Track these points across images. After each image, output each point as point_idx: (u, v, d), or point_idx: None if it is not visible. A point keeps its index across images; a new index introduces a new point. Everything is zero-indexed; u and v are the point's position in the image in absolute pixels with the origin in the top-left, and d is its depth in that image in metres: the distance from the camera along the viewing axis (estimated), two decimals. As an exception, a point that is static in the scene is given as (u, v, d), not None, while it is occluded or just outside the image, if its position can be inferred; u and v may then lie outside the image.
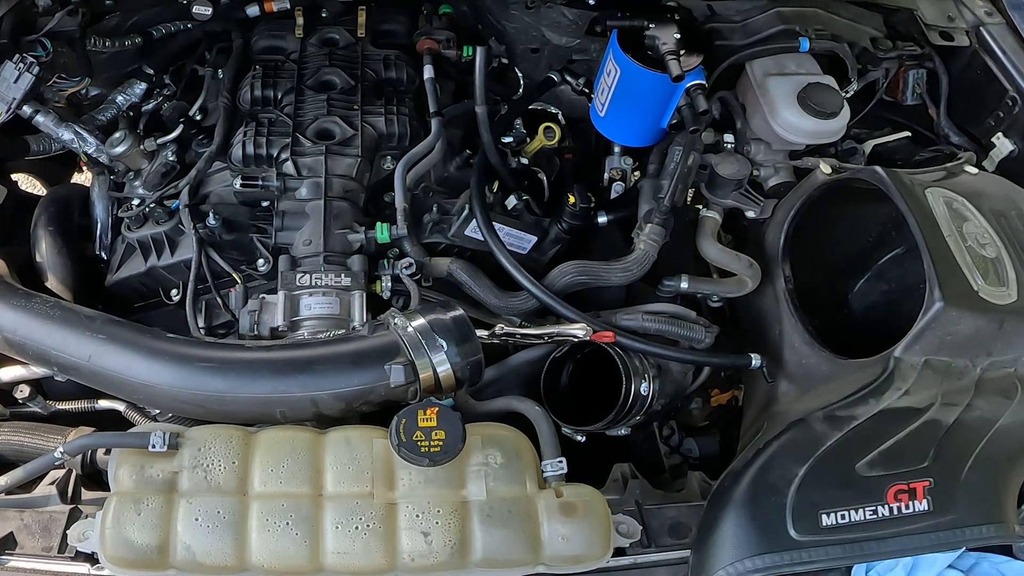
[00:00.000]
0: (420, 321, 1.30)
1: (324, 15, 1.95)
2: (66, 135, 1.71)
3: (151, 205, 1.63)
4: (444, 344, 1.28)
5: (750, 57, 1.85)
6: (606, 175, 1.90)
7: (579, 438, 1.61)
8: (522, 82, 2.00)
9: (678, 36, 1.64)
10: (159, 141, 1.72)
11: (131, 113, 1.84)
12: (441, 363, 1.28)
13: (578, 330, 1.45)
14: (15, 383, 1.53)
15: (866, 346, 1.48)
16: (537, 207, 1.80)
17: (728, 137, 1.83)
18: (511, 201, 1.74)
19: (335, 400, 1.26)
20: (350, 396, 1.28)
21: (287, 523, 1.20)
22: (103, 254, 1.78)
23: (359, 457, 1.25)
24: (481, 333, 1.41)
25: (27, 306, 1.39)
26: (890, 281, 1.78)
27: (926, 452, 1.29)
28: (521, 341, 1.45)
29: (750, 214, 1.80)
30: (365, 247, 1.59)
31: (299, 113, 1.71)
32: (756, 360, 1.63)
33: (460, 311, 1.33)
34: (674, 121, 1.75)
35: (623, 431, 1.65)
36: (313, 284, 1.49)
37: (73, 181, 2.17)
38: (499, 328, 1.45)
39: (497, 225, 1.68)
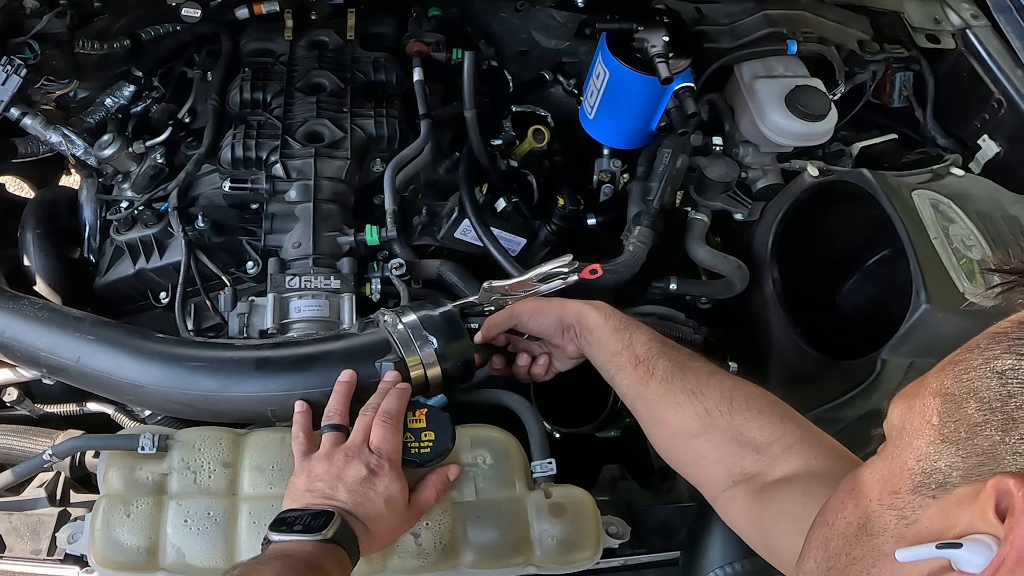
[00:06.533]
0: (410, 318, 1.30)
1: (313, 17, 1.94)
2: (54, 138, 1.71)
3: (139, 208, 1.63)
4: (434, 341, 1.28)
5: (738, 60, 1.86)
6: (595, 177, 1.90)
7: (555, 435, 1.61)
8: (511, 85, 2.00)
9: (667, 39, 1.65)
10: (148, 144, 1.71)
11: (119, 116, 1.83)
12: (430, 360, 1.27)
13: (562, 266, 1.39)
14: (3, 386, 1.52)
15: (855, 347, 1.49)
16: (526, 209, 1.80)
17: (716, 140, 1.84)
18: (500, 203, 1.75)
19: (326, 398, 1.26)
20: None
21: (277, 525, 1.19)
22: (91, 257, 1.77)
23: (349, 459, 1.24)
24: (471, 299, 1.40)
25: (15, 308, 1.38)
26: (877, 283, 1.79)
27: (914, 453, 1.30)
28: (509, 294, 1.41)
29: (739, 216, 1.81)
30: (354, 249, 1.58)
31: (288, 115, 1.71)
32: (733, 367, 1.65)
33: (449, 307, 1.33)
34: (663, 124, 1.76)
35: (613, 433, 1.66)
36: (302, 286, 1.48)
37: (61, 184, 2.16)
38: (486, 284, 1.41)
39: (487, 227, 1.68)
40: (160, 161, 1.70)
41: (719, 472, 1.13)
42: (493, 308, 1.40)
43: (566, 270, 1.39)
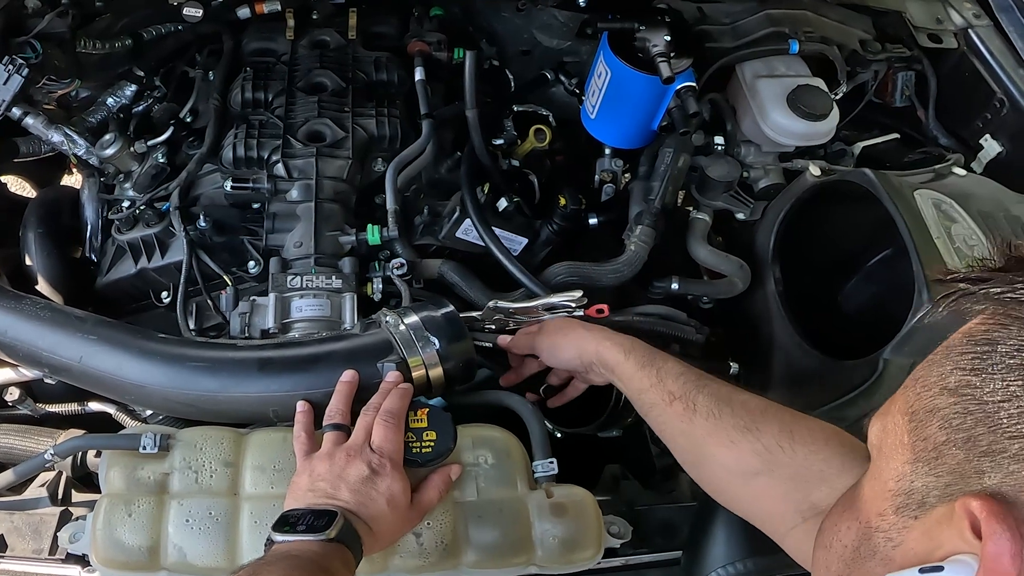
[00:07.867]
0: (412, 318, 1.30)
1: (315, 17, 1.94)
2: (56, 137, 1.71)
3: (141, 207, 1.63)
4: (436, 341, 1.28)
5: (740, 59, 1.86)
6: (597, 177, 1.90)
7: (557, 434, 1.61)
8: (513, 85, 2.00)
9: (668, 38, 1.64)
10: (149, 143, 1.72)
11: (121, 115, 1.83)
12: (432, 361, 1.28)
13: (570, 301, 1.43)
14: (5, 386, 1.52)
15: (857, 347, 1.49)
16: (528, 209, 1.80)
17: (718, 139, 1.84)
18: (502, 203, 1.75)
19: (327, 399, 1.26)
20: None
21: (278, 524, 1.19)
22: (93, 256, 1.77)
23: (350, 458, 1.24)
24: (473, 314, 1.40)
25: (17, 307, 1.38)
26: (879, 282, 1.79)
27: (916, 452, 1.30)
28: (514, 316, 1.43)
29: (740, 216, 1.81)
30: (356, 249, 1.58)
31: (290, 115, 1.71)
32: (733, 367, 1.65)
33: (451, 308, 1.33)
34: (664, 123, 1.76)
35: (615, 433, 1.65)
36: (304, 286, 1.48)
37: (63, 183, 2.16)
38: (492, 303, 1.43)
39: (488, 227, 1.68)
40: (162, 160, 1.70)
41: (786, 510, 1.05)
42: (494, 327, 1.42)
43: (573, 305, 1.44)
